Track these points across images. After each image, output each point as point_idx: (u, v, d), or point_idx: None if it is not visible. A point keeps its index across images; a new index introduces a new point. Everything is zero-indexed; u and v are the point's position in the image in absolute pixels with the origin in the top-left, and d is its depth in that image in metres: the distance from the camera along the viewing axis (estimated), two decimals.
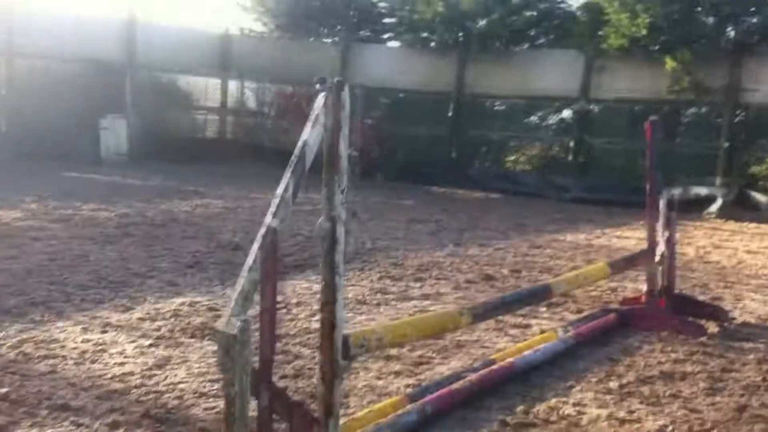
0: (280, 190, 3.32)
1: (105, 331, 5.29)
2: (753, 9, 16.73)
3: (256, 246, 3.27)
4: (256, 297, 3.26)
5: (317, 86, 5.18)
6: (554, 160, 18.92)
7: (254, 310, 3.23)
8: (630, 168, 16.64)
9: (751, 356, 5.47)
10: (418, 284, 7.36)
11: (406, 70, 19.68)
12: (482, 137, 19.21)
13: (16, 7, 16.41)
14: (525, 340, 5.57)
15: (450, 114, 19.58)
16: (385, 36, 21.56)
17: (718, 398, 4.65)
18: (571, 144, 18.46)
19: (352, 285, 7.13)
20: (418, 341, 5.30)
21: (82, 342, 5.04)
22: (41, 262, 7.09)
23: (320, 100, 3.40)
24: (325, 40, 21.47)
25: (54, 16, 17.33)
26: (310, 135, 3.36)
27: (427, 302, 6.67)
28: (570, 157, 18.41)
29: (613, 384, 4.82)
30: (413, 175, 17.97)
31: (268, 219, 3.32)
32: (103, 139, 17.34)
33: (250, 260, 3.26)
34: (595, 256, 9.31)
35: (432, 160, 18.75)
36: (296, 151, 3.37)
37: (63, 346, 4.93)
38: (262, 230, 3.34)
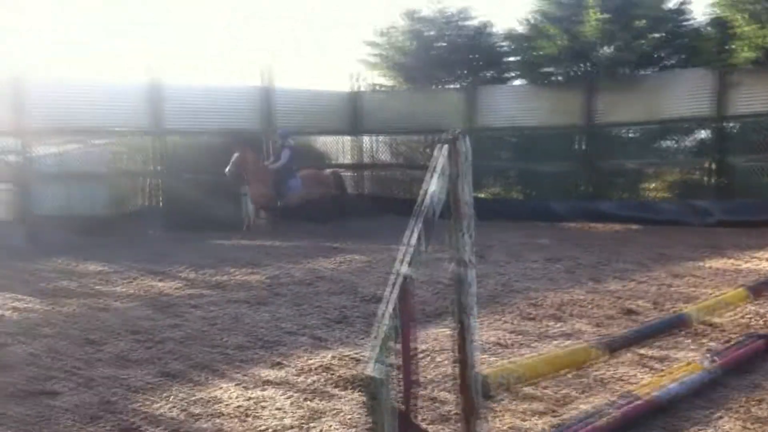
0: (411, 240, 3.57)
1: (263, 389, 5.67)
2: None
3: (391, 293, 3.52)
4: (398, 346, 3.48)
5: (279, 137, 7.97)
6: (694, 184, 18.34)
7: (397, 358, 3.47)
8: None
9: None
10: (557, 324, 7.42)
11: (532, 107, 19.71)
12: (616, 168, 18.91)
13: (164, 90, 17.65)
14: (668, 372, 5.54)
15: (580, 147, 19.44)
16: (509, 75, 21.72)
17: None
18: (711, 166, 17.89)
19: (491, 328, 7.28)
20: (558, 379, 5.41)
21: (242, 399, 5.43)
22: (201, 328, 7.65)
23: (442, 150, 3.65)
24: (450, 86, 21.86)
25: (195, 91, 18.49)
26: (434, 184, 3.60)
27: (567, 341, 6.72)
28: (710, 180, 17.82)
29: (762, 412, 4.75)
30: (544, 212, 17.90)
31: (402, 268, 3.57)
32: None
33: (389, 308, 3.51)
34: (742, 282, 9.03)
35: (564, 196, 18.62)
36: (424, 200, 3.62)
37: (226, 405, 5.33)
38: (397, 279, 3.59)
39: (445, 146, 3.61)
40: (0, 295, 9.62)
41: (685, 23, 19.25)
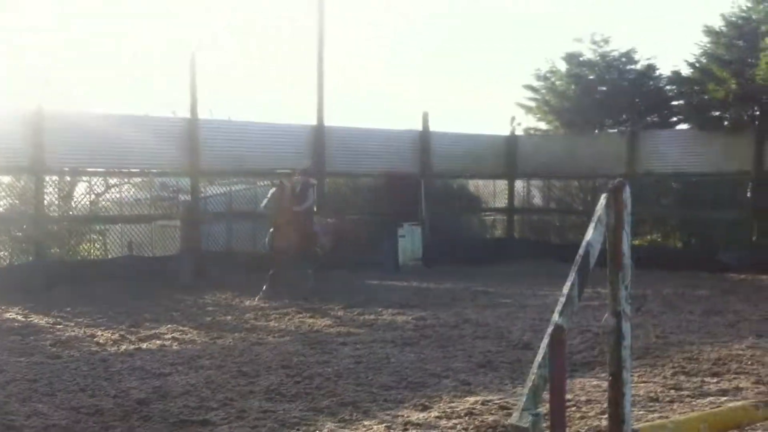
0: (565, 289, 3.55)
1: (406, 429, 5.73)
2: None
3: (544, 342, 3.50)
4: (545, 395, 3.46)
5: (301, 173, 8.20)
6: None
7: (544, 408, 3.44)
8: None
9: None
10: (714, 379, 7.07)
11: (698, 152, 18.94)
12: None
13: (327, 133, 18.34)
14: None
15: (750, 194, 18.48)
16: (675, 119, 21.06)
17: None
18: None
19: (644, 381, 7.04)
20: None
21: None
22: (349, 365, 7.84)
23: (602, 199, 3.62)
24: (611, 130, 21.42)
25: (356, 134, 19.10)
26: (593, 235, 3.57)
27: (724, 398, 6.39)
28: None
29: None
30: (708, 262, 17.05)
31: (555, 317, 3.56)
32: (401, 247, 18.60)
33: (539, 357, 3.48)
34: None
35: (731, 246, 17.70)
36: (581, 250, 3.60)
37: None
38: (550, 328, 3.58)
39: (605, 195, 3.58)
40: (164, 326, 10.24)
41: None
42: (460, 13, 49.73)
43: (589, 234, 3.56)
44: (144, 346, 9.04)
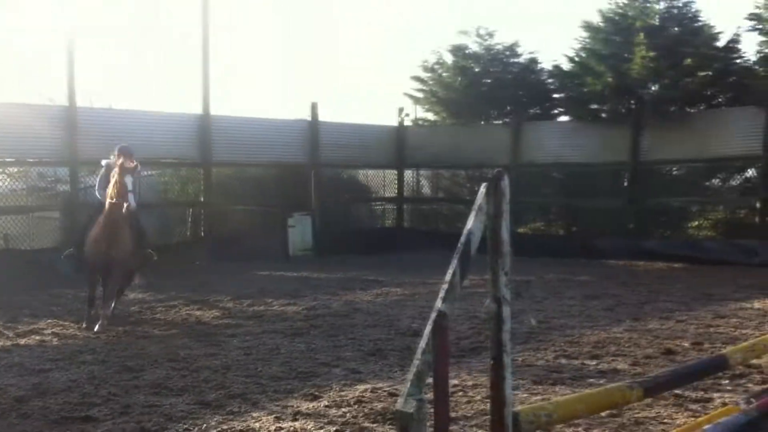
0: (448, 276, 3.61)
1: (295, 419, 5.71)
2: None
3: (428, 329, 3.55)
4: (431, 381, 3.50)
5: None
6: (740, 224, 18.06)
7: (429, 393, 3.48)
8: None
9: None
10: (594, 362, 7.35)
11: (578, 143, 19.61)
12: (661, 205, 18.69)
13: (213, 122, 17.95)
14: (705, 414, 5.45)
15: (625, 184, 19.29)
16: (555, 111, 21.72)
17: None
18: (758, 205, 17.58)
19: (528, 365, 7.24)
20: (594, 419, 5.36)
21: (275, 430, 5.48)
22: (237, 357, 7.74)
23: (482, 188, 3.69)
24: (496, 122, 21.92)
25: (243, 124, 18.80)
26: (474, 223, 3.64)
27: (603, 380, 6.64)
28: (757, 219, 17.51)
29: None
30: (588, 249, 17.74)
31: (438, 304, 3.61)
32: (291, 237, 18.50)
33: (423, 343, 3.53)
34: None
35: (608, 233, 18.46)
36: (462, 238, 3.66)
37: None
38: (433, 314, 3.63)
39: (485, 185, 3.64)
40: (43, 321, 9.84)
41: (735, 61, 19.07)
42: (350, 4, 49.76)
43: (470, 222, 3.62)
44: (22, 342, 8.67)
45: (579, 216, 19.71)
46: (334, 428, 5.48)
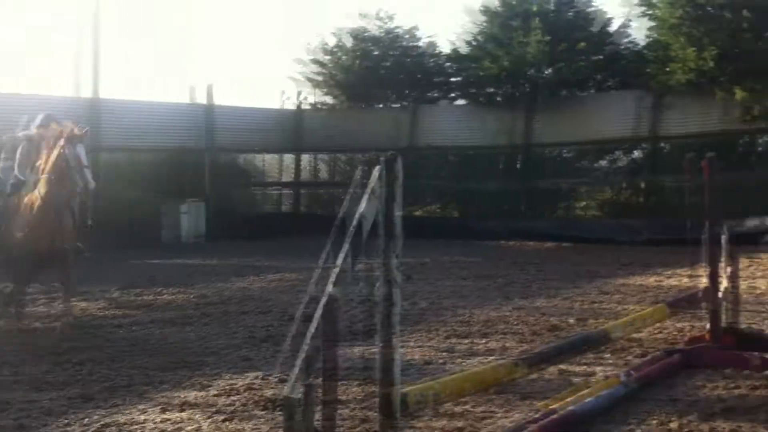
0: (339, 260, 3.59)
1: (183, 410, 5.56)
2: None
3: (318, 313, 3.51)
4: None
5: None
6: (626, 203, 18.77)
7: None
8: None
9: None
10: (484, 340, 7.48)
11: (475, 126, 19.94)
12: (552, 186, 19.21)
13: (102, 105, 17.37)
14: (588, 387, 5.61)
15: (518, 166, 19.72)
16: (453, 95, 21.95)
17: None
18: (642, 185, 18.29)
19: (420, 345, 7.30)
20: (482, 395, 5.43)
21: (161, 422, 5.32)
22: (123, 349, 7.50)
23: (375, 172, 3.67)
24: (394, 105, 21.99)
25: (134, 107, 18.25)
26: (366, 206, 3.62)
27: (492, 357, 6.77)
28: (641, 199, 18.22)
29: (674, 424, 4.84)
30: (480, 231, 18.06)
31: (329, 287, 3.58)
32: (184, 224, 18.11)
33: (312, 328, 3.50)
34: (664, 298, 9.23)
35: (502, 215, 18.85)
36: (353, 221, 3.64)
37: (143, 427, 5.22)
38: (323, 299, 3.60)
39: (377, 168, 3.63)
40: None
41: (624, 46, 19.72)
42: None
43: (362, 206, 3.62)
44: None
45: (474, 198, 20.03)
46: (223, 417, 5.37)
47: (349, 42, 21.84)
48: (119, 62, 29.96)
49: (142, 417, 5.43)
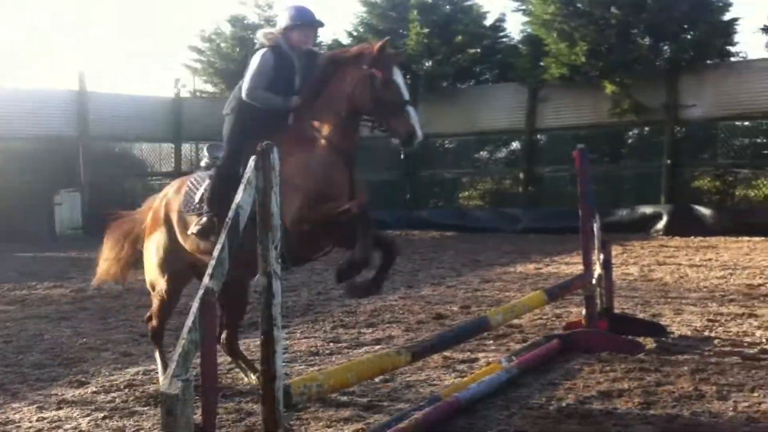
0: (216, 252, 3.53)
1: (60, 408, 5.35)
2: (686, 26, 17.36)
3: (194, 306, 3.44)
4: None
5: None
6: (506, 193, 19.33)
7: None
8: None
9: (685, 368, 5.70)
10: (370, 330, 7.52)
11: None
12: (434, 177, 19.58)
13: None
14: (471, 373, 5.74)
15: (402, 157, 19.93)
16: None
17: (651, 412, 4.85)
18: (521, 175, 18.87)
19: (306, 337, 7.27)
20: (368, 385, 5.48)
21: (37, 421, 5.10)
22: None
23: (251, 162, 3.61)
24: None
25: (3, 95, 17.37)
26: (242, 197, 3.56)
27: (378, 347, 6.83)
28: (520, 189, 18.81)
29: (553, 408, 5.00)
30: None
31: (206, 280, 3.51)
32: (58, 215, 17.39)
33: (189, 321, 3.43)
34: (543, 285, 9.54)
35: (386, 205, 19.03)
36: (230, 213, 3.58)
37: (18, 427, 4.99)
38: (200, 291, 3.53)
39: (254, 158, 3.58)
40: None
41: (501, 40, 20.25)
42: None
43: (239, 197, 3.57)
44: None
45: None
46: (102, 414, 5.20)
47: (228, 29, 21.51)
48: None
49: (17, 416, 5.19)
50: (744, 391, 5.13)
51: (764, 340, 6.47)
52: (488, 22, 20.27)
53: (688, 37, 17.46)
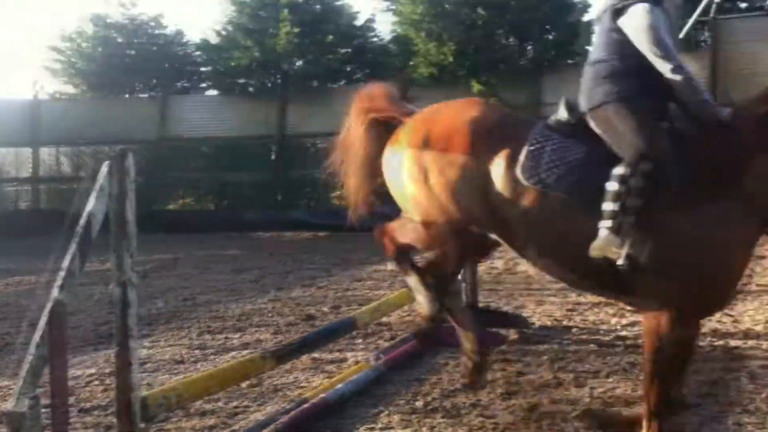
0: (65, 263, 3.39)
1: None
2: (548, 26, 17.96)
3: (43, 320, 3.29)
4: None
5: None
6: (377, 192, 19.43)
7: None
8: None
9: (545, 357, 5.89)
10: (238, 334, 7.38)
11: (226, 117, 19.76)
12: (306, 177, 19.49)
13: None
14: (339, 374, 5.72)
15: (273, 157, 19.78)
16: (203, 85, 21.60)
17: (512, 401, 4.98)
18: None
19: (171, 345, 7.06)
20: (234, 391, 5.37)
21: None
22: None
23: (104, 168, 3.48)
24: (142, 95, 21.21)
25: None
26: (95, 205, 3.43)
27: (246, 351, 6.69)
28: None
29: (419, 403, 5.06)
30: (237, 223, 17.95)
31: (55, 292, 3.36)
32: None
33: (37, 336, 3.29)
34: None
35: (258, 206, 18.83)
36: (81, 221, 3.44)
37: None
38: (49, 304, 3.37)
39: (107, 163, 3.47)
40: None
41: (371, 40, 20.39)
42: None
43: (91, 204, 3.45)
44: None
45: (229, 190, 19.87)
46: None
47: (90, 29, 20.72)
48: None
49: None
50: (599, 377, 5.34)
51: (618, 327, 6.77)
52: (359, 22, 20.38)
53: (550, 37, 18.09)
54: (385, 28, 23.98)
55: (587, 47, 18.42)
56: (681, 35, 15.44)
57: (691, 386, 4.92)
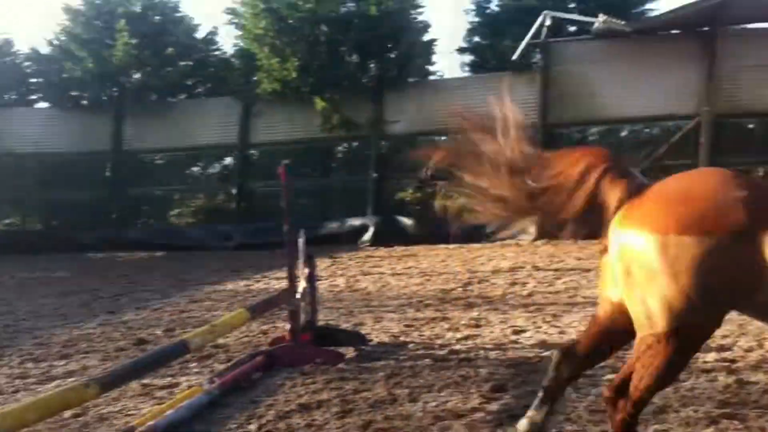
0: None
1: None
2: (390, 45, 18.28)
3: None
4: None
5: None
6: (219, 209, 19.12)
7: None
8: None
9: (381, 374, 5.90)
10: (63, 362, 6.96)
11: (59, 131, 18.86)
12: (143, 194, 18.89)
13: None
14: (170, 400, 5.49)
15: (108, 174, 19.02)
16: (34, 97, 20.52)
17: (347, 419, 4.93)
18: (234, 191, 18.78)
19: None
20: (56, 422, 5.04)
21: None
22: None
23: None
24: None
25: None
26: None
27: (71, 379, 6.32)
28: (233, 205, 18.70)
29: (253, 426, 4.92)
30: (66, 243, 17.11)
31: None
32: None
33: None
34: (254, 302, 9.47)
35: (91, 225, 18.02)
36: None
37: None
38: None
39: None
40: None
41: (213, 53, 20.06)
42: None
43: None
44: None
45: (59, 208, 18.91)
46: None
47: None
48: None
49: None
50: (433, 392, 5.40)
51: (453, 341, 6.90)
52: (200, 34, 20.00)
53: (392, 55, 18.42)
54: (228, 42, 23.69)
55: (427, 66, 18.94)
56: (514, 57, 16.18)
57: (519, 397, 5.08)
